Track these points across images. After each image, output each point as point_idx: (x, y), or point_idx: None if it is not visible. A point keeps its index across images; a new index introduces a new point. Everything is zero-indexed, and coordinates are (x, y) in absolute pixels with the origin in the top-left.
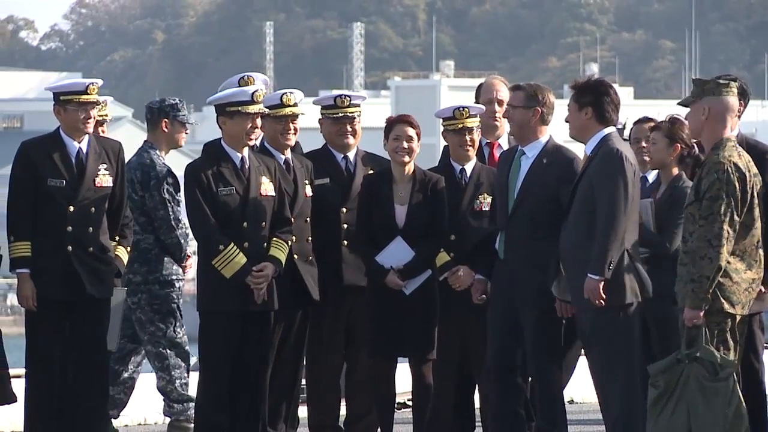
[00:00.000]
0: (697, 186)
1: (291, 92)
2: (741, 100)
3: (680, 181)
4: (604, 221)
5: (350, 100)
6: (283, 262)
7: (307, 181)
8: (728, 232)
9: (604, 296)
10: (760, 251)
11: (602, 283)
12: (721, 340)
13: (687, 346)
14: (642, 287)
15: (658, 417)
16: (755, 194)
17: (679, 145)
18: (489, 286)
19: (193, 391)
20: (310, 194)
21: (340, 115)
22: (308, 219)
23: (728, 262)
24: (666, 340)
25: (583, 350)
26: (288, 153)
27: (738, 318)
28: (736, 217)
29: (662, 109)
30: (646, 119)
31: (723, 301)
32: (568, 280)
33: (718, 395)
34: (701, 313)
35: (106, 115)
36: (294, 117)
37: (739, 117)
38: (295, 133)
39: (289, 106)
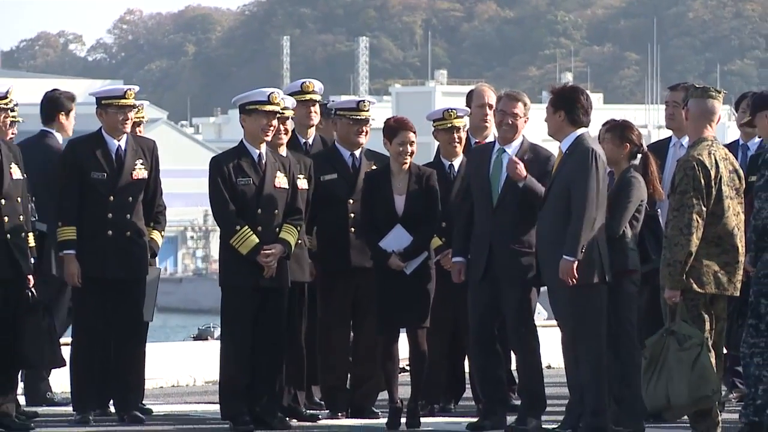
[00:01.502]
0: (672, 180)
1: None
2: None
3: (629, 173)
4: (578, 211)
5: (369, 104)
6: (293, 244)
7: (302, 176)
8: (697, 221)
9: (576, 276)
10: (736, 238)
11: (575, 263)
12: (695, 315)
13: (669, 320)
14: (607, 270)
15: (647, 385)
16: (723, 187)
17: (627, 144)
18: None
19: None
20: (305, 187)
21: (362, 117)
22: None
23: (699, 248)
24: (618, 310)
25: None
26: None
27: (710, 296)
28: (703, 208)
29: (628, 113)
30: (613, 121)
31: (692, 281)
32: (544, 262)
33: (683, 363)
34: (678, 293)
35: (143, 117)
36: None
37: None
38: (283, 132)
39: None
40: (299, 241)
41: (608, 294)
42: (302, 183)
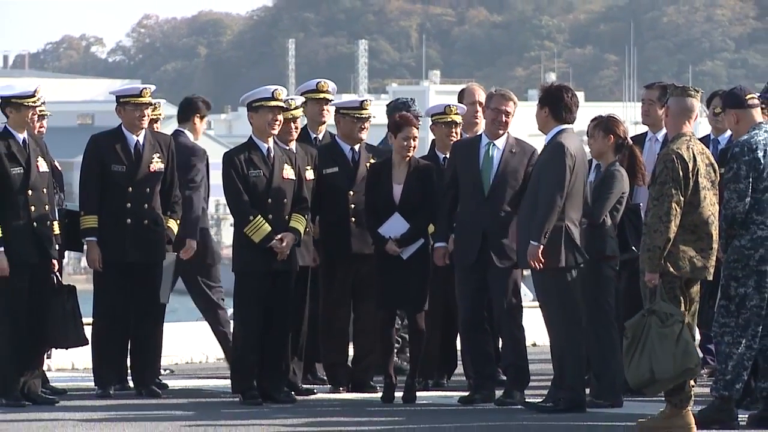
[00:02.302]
0: (653, 172)
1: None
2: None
3: (613, 166)
4: (543, 200)
5: (371, 104)
6: (302, 232)
7: (309, 167)
8: (676, 210)
9: (542, 260)
10: (711, 226)
11: (541, 248)
12: (672, 296)
13: (648, 301)
14: (578, 254)
15: (630, 362)
16: (699, 179)
17: (612, 136)
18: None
19: None
20: (311, 178)
21: (364, 115)
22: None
23: (676, 234)
24: (597, 293)
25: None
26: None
27: (685, 279)
28: (681, 198)
29: (607, 110)
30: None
31: (669, 265)
32: (521, 246)
33: (667, 338)
34: (657, 276)
35: (160, 114)
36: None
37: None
38: (294, 129)
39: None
40: (307, 229)
41: (588, 277)
42: (309, 174)
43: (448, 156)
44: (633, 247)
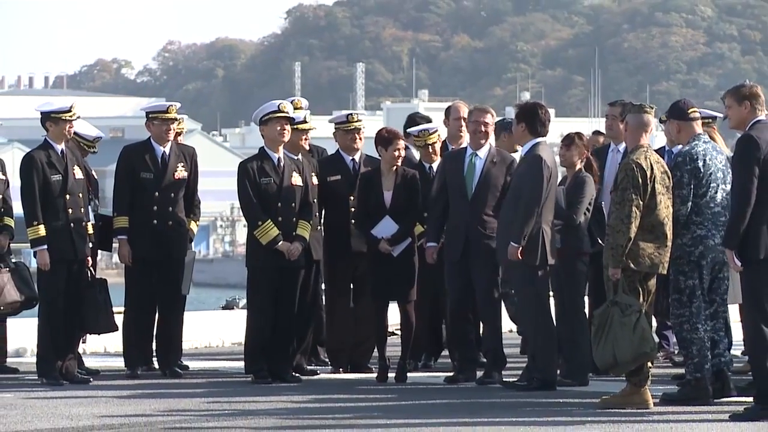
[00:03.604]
0: (615, 179)
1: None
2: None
3: (581, 174)
4: (523, 206)
5: (357, 117)
6: (308, 238)
7: (314, 173)
8: (635, 213)
9: (521, 258)
10: (666, 226)
11: (520, 248)
12: (632, 288)
13: (612, 293)
14: (549, 254)
15: (597, 347)
16: (656, 185)
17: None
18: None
19: None
20: (316, 183)
21: (352, 127)
22: (315, 200)
23: (636, 234)
24: (570, 285)
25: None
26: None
27: (644, 273)
28: (640, 202)
29: (576, 125)
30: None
31: (630, 261)
32: (500, 244)
33: (626, 326)
34: (619, 270)
35: (183, 128)
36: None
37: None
38: (304, 139)
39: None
40: (318, 228)
41: (563, 271)
42: (315, 180)
43: (432, 165)
44: (599, 240)
